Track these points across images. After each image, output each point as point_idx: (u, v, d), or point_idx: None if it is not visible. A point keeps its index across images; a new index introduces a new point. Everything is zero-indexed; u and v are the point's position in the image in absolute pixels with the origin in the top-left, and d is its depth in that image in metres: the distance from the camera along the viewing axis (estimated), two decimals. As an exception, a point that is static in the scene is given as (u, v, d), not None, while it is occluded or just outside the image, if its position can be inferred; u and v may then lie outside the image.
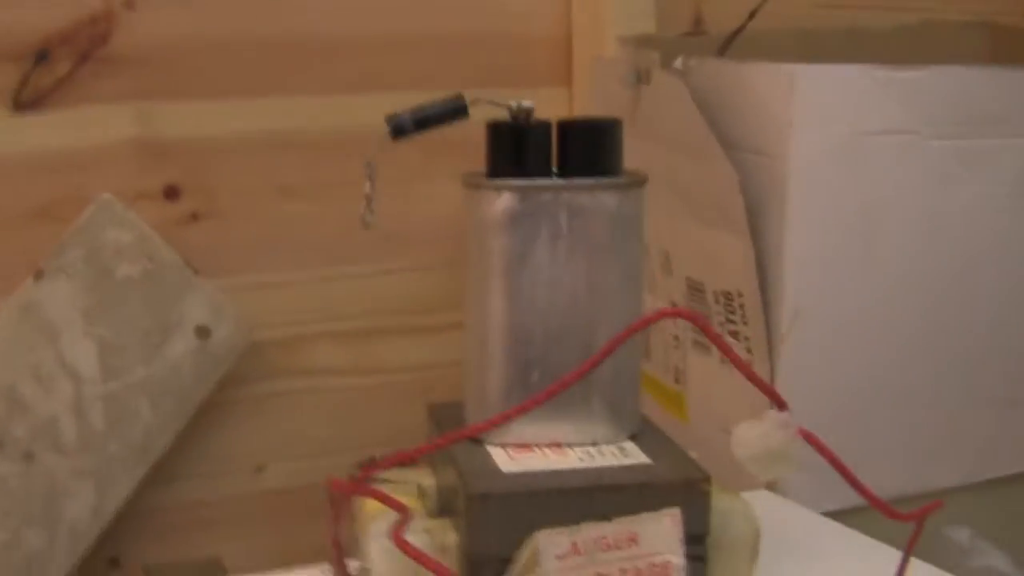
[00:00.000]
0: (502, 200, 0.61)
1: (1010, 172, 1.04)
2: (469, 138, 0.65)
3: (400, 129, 0.61)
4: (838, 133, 0.99)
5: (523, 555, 0.57)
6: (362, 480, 0.58)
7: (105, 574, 1.14)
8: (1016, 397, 1.08)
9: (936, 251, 1.03)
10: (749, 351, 1.03)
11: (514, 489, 0.57)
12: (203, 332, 1.10)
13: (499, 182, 0.61)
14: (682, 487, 0.58)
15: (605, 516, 0.57)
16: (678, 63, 1.06)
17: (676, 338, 1.14)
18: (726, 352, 0.58)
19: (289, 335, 1.18)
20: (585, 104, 1.24)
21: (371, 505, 0.62)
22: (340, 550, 0.61)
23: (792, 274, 1.01)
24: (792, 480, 1.02)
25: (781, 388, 1.00)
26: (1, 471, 1.06)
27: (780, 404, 0.58)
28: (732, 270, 1.03)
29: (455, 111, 0.61)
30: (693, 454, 0.63)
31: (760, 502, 0.90)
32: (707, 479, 0.58)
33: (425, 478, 0.64)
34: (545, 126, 0.61)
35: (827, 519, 0.88)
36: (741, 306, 1.03)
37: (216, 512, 1.17)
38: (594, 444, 0.62)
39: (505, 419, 0.59)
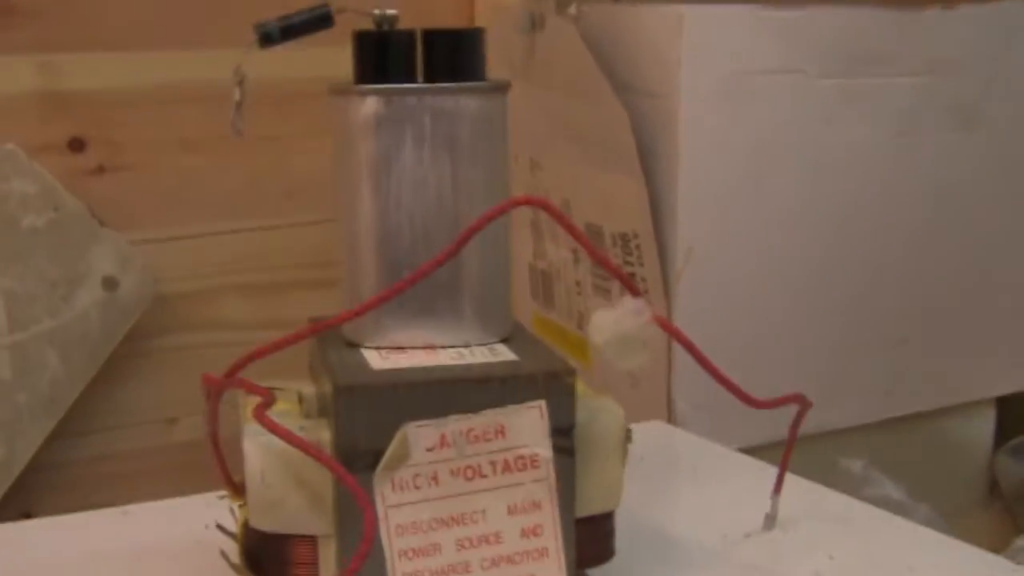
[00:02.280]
0: (367, 104, 0.60)
1: (894, 110, 1.05)
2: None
3: (268, 37, 0.61)
4: (726, 72, 1.00)
5: (392, 447, 0.56)
6: (232, 374, 0.58)
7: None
8: (906, 335, 1.09)
9: (822, 188, 1.04)
10: (646, 291, 1.03)
11: (382, 382, 0.57)
12: (110, 283, 1.09)
13: (364, 87, 0.61)
14: (547, 379, 0.57)
15: (473, 409, 0.57)
16: (572, 8, 1.06)
17: (578, 283, 1.14)
18: (577, 237, 0.57)
19: (196, 288, 1.18)
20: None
21: (249, 411, 0.61)
22: (218, 447, 0.61)
23: (685, 213, 1.01)
24: (689, 416, 1.02)
25: (678, 325, 1.01)
26: (-93, 421, 1.05)
27: (634, 291, 0.58)
28: (627, 212, 1.03)
29: (321, 19, 0.61)
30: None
31: (654, 431, 0.91)
32: (572, 371, 0.58)
33: (306, 387, 0.63)
34: (409, 33, 0.61)
35: (721, 446, 0.88)
36: (637, 247, 1.03)
37: (128, 465, 1.16)
38: (465, 345, 0.62)
39: (366, 308, 0.58)
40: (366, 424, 0.56)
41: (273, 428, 0.55)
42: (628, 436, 0.62)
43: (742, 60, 1.00)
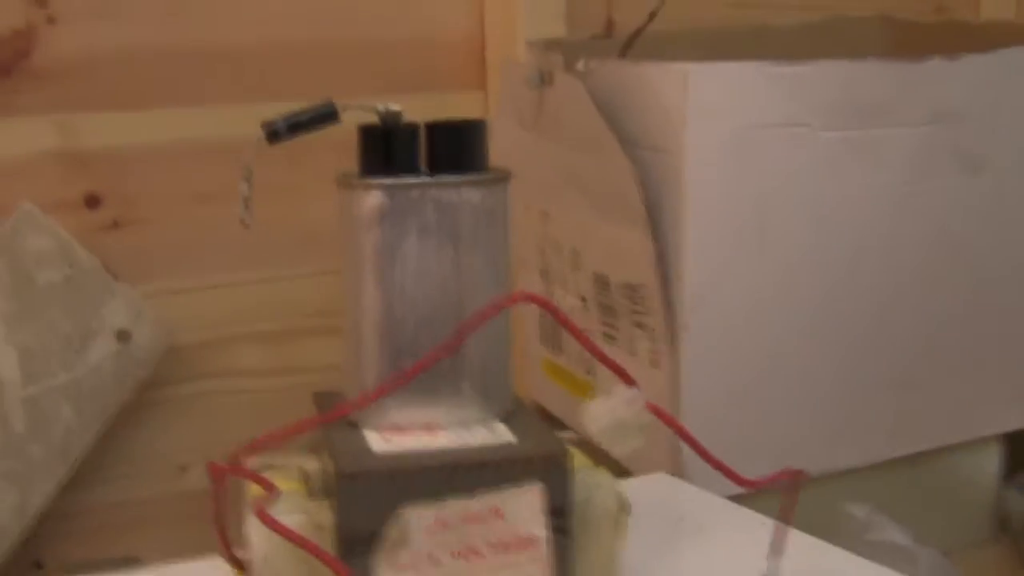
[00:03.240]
0: (372, 197, 0.65)
1: (897, 159, 1.08)
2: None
3: (275, 134, 0.65)
4: (730, 127, 1.03)
5: (392, 531, 0.60)
6: (236, 462, 0.62)
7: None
8: (908, 380, 1.13)
9: (827, 239, 1.07)
10: (654, 340, 1.07)
11: (382, 467, 0.61)
12: (123, 336, 1.14)
13: (369, 180, 0.65)
14: (544, 462, 0.62)
15: (471, 492, 0.61)
16: (580, 65, 1.10)
17: (587, 331, 1.18)
18: (576, 335, 0.62)
19: (209, 338, 1.22)
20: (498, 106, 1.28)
21: (255, 490, 0.65)
22: (224, 533, 0.65)
23: (691, 264, 1.05)
24: (695, 462, 1.06)
25: (684, 375, 1.05)
26: (-73, 475, 1.09)
27: (628, 381, 0.62)
28: (635, 263, 1.07)
29: (327, 116, 0.65)
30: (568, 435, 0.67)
31: (658, 484, 0.95)
32: (568, 454, 0.62)
33: (309, 463, 0.67)
34: (412, 127, 0.65)
35: (723, 499, 0.92)
36: (644, 297, 1.07)
37: (139, 513, 1.20)
38: (465, 426, 0.66)
39: (374, 397, 0.62)
40: (367, 509, 0.61)
41: (275, 527, 0.59)
42: (626, 508, 0.66)
43: (747, 115, 1.03)
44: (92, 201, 1.17)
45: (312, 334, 1.26)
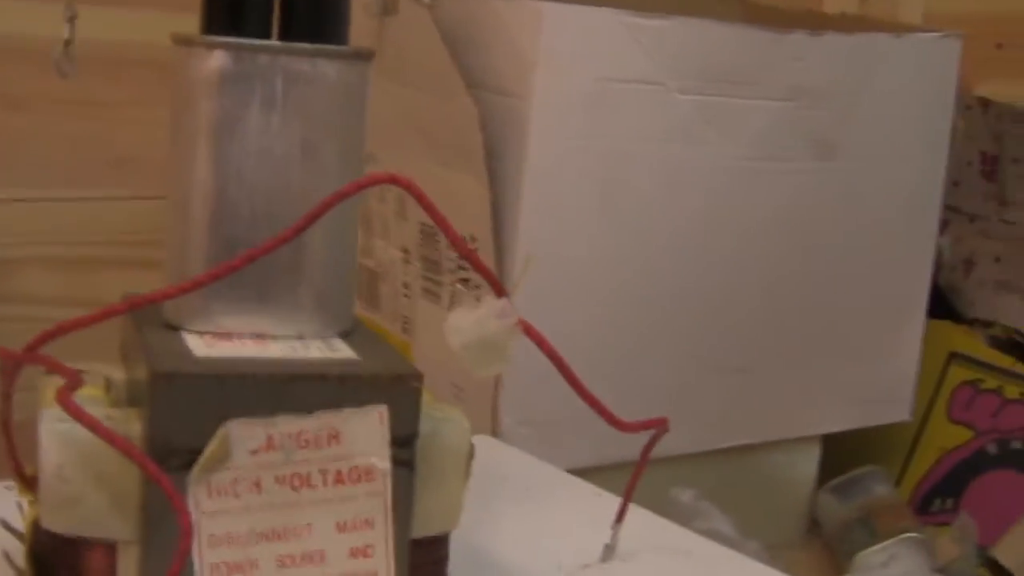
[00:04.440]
0: (214, 58, 0.53)
1: (751, 133, 1.00)
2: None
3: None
4: (583, 77, 0.95)
5: (212, 446, 0.49)
6: (33, 349, 0.50)
7: None
8: (745, 364, 1.05)
9: (672, 208, 0.99)
10: (478, 299, 0.97)
11: (206, 371, 0.50)
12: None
13: (213, 39, 0.53)
14: (391, 382, 0.51)
15: (305, 410, 0.50)
16: (426, -4, 0.99)
17: (405, 285, 1.08)
18: (443, 226, 0.51)
19: (2, 257, 1.07)
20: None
21: (50, 393, 0.53)
22: (10, 432, 0.52)
23: (527, 220, 0.95)
24: (514, 432, 0.96)
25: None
26: None
27: (499, 291, 0.51)
28: (468, 213, 0.97)
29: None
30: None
31: (483, 446, 0.85)
32: (418, 376, 0.51)
33: (115, 371, 0.55)
34: (267, -16, 0.54)
35: (553, 467, 0.83)
36: (475, 251, 0.97)
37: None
38: (300, 338, 0.55)
39: (193, 286, 0.51)
40: (184, 418, 0.49)
41: (79, 415, 0.47)
42: (471, 452, 0.56)
43: (601, 66, 0.95)
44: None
45: (113, 264, 1.13)
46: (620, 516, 0.66)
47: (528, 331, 0.52)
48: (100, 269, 1.12)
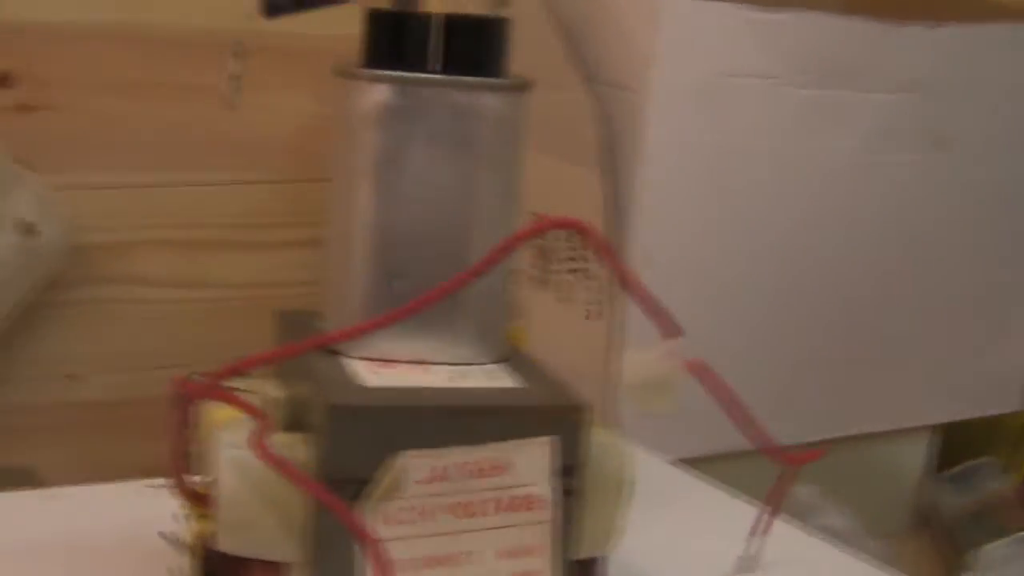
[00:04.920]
0: (378, 92, 0.53)
1: (866, 125, 1.00)
2: (334, 50, 0.57)
3: (276, 8, 0.54)
4: (700, 72, 0.94)
5: (384, 477, 0.50)
6: (213, 382, 0.51)
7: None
8: (855, 355, 1.05)
9: (786, 201, 0.99)
10: (595, 291, 0.97)
11: (379, 403, 0.50)
12: (26, 229, 1.00)
13: (377, 72, 0.53)
14: (560, 413, 0.51)
15: (473, 441, 0.51)
16: (543, -12, 0.99)
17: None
18: (616, 269, 0.51)
19: (115, 240, 1.09)
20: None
21: (218, 414, 0.54)
22: (181, 460, 0.53)
23: (643, 215, 0.95)
24: (630, 423, 0.97)
25: (629, 333, 0.95)
26: None
27: (673, 331, 0.52)
28: (582, 208, 0.97)
29: (336, -9, 0.54)
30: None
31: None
32: (586, 406, 0.52)
33: (273, 390, 0.56)
34: (427, 17, 0.54)
35: (673, 467, 0.83)
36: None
37: (31, 419, 1.07)
38: (459, 364, 0.55)
39: (369, 329, 0.52)
40: (358, 449, 0.50)
41: (267, 457, 0.48)
42: (633, 478, 0.56)
43: (718, 60, 0.94)
44: (3, 79, 1.03)
45: (225, 247, 1.13)
46: (761, 528, 0.66)
47: (698, 372, 0.52)
48: (212, 252, 1.13)
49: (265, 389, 0.56)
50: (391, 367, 0.54)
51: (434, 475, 0.50)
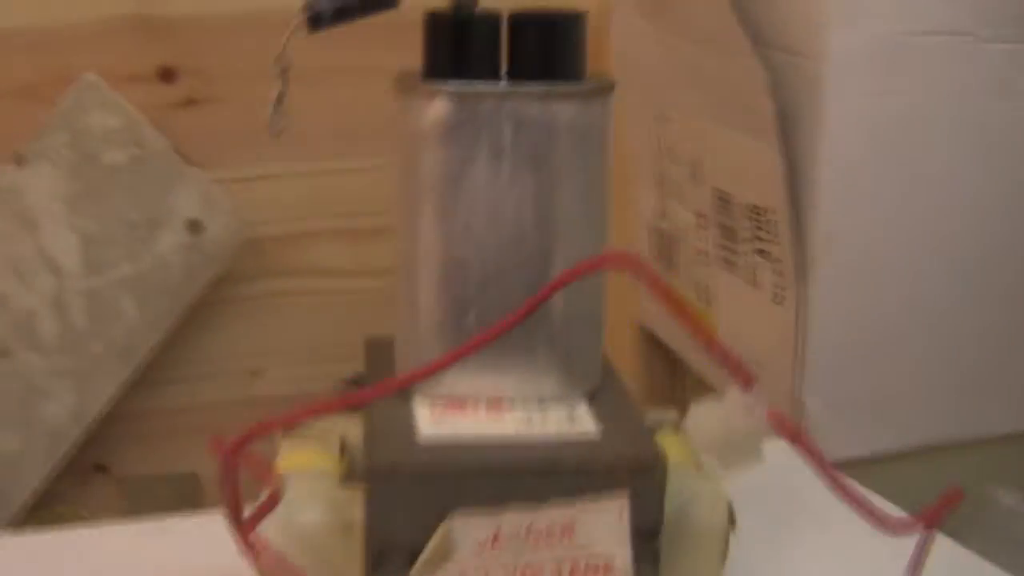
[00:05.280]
0: (435, 107, 0.47)
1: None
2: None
3: (318, 19, 0.48)
4: (881, 32, 0.85)
5: (434, 542, 0.44)
6: (246, 443, 0.46)
7: (91, 480, 1.04)
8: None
9: (985, 171, 0.88)
10: (779, 273, 0.89)
11: (426, 464, 0.45)
12: (194, 226, 0.98)
13: (433, 86, 0.48)
14: (632, 472, 0.45)
15: (536, 499, 0.45)
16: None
17: (702, 252, 1.01)
18: (675, 309, 0.44)
19: (288, 232, 1.06)
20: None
21: (294, 458, 0.50)
22: (237, 517, 0.49)
23: (826, 191, 0.87)
24: (819, 415, 0.89)
25: (813, 319, 0.87)
26: (-26, 367, 0.96)
27: (746, 381, 0.44)
28: (761, 183, 0.89)
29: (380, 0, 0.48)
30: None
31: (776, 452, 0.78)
32: (662, 461, 0.45)
33: (353, 429, 0.51)
34: (493, 19, 0.48)
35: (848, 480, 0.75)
36: (771, 222, 0.90)
37: (208, 418, 1.05)
38: (541, 401, 0.49)
39: (432, 371, 0.46)
40: (404, 514, 0.44)
41: (245, 545, 0.43)
42: (730, 530, 0.49)
43: (901, 19, 0.84)
44: (166, 75, 1.01)
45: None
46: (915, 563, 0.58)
47: (780, 424, 0.44)
48: (387, 239, 1.09)
49: (343, 428, 0.51)
50: (461, 409, 0.49)
51: (492, 539, 0.45)
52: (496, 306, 0.48)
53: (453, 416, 0.48)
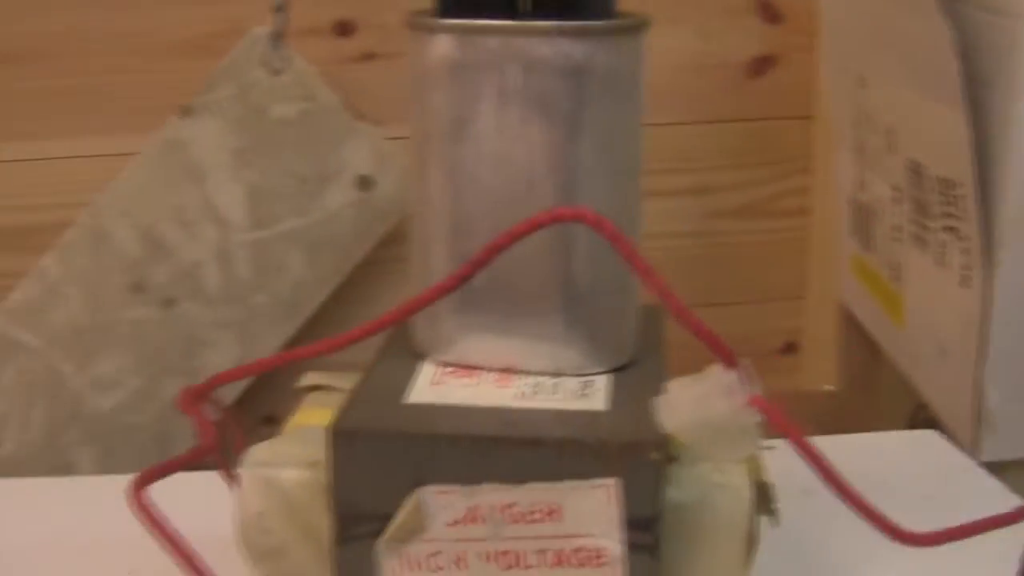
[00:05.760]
0: (439, 44, 0.44)
1: None
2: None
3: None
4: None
5: (403, 514, 0.41)
6: (205, 391, 0.44)
7: (258, 431, 1.04)
8: None
9: None
10: (968, 254, 0.82)
11: (394, 427, 0.42)
12: (365, 182, 0.97)
13: (438, 21, 0.44)
14: (620, 452, 0.40)
15: (518, 476, 0.41)
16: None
17: (897, 228, 0.94)
18: (632, 260, 0.40)
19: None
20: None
21: (302, 417, 0.48)
22: (221, 460, 0.47)
23: (1018, 163, 0.79)
24: (1000, 409, 0.82)
25: (998, 304, 0.80)
26: (139, 316, 0.97)
27: (728, 359, 0.39)
28: (947, 152, 0.82)
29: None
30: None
31: (921, 445, 0.72)
32: (660, 443, 0.41)
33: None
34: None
35: (996, 482, 0.69)
36: (959, 197, 0.82)
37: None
38: (556, 374, 0.45)
39: (383, 325, 0.43)
40: (371, 481, 0.42)
41: (139, 508, 0.40)
42: (753, 534, 0.44)
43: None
44: (344, 28, 0.99)
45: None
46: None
47: (767, 412, 0.39)
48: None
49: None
50: (466, 376, 0.45)
51: (467, 516, 0.41)
52: (507, 264, 0.44)
53: (453, 382, 0.45)
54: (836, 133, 1.03)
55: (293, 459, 0.44)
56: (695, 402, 0.39)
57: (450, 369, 0.46)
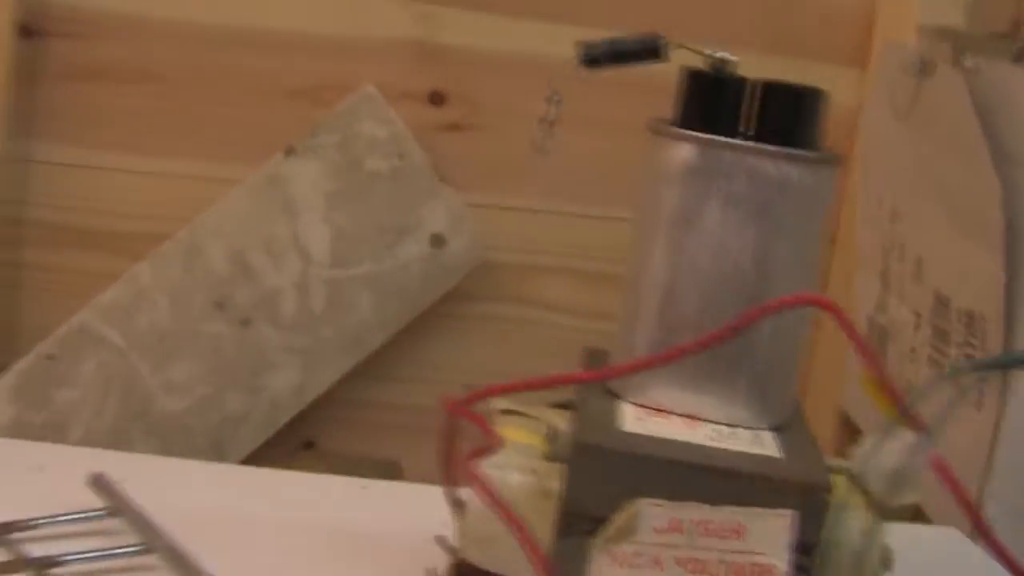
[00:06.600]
0: (681, 151, 0.57)
1: None
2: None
3: (594, 59, 0.58)
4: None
5: (620, 519, 0.53)
6: (472, 402, 0.56)
7: (297, 454, 1.15)
8: None
9: None
10: (983, 380, 0.95)
11: (624, 447, 0.54)
12: (438, 240, 1.09)
13: (683, 132, 0.57)
14: (800, 491, 0.53)
15: (714, 501, 0.53)
16: (967, 60, 0.98)
17: (913, 350, 1.07)
18: (864, 354, 0.52)
19: (522, 262, 1.16)
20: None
21: (505, 433, 0.59)
22: (451, 471, 0.59)
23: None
24: (1000, 523, 0.93)
25: (1007, 434, 0.92)
26: (217, 330, 1.08)
27: (918, 425, 0.52)
28: (976, 288, 0.96)
29: (651, 51, 0.58)
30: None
31: (943, 542, 0.83)
32: (829, 486, 0.53)
33: (561, 421, 0.61)
34: (742, 82, 0.57)
35: None
36: (983, 331, 0.96)
37: (415, 419, 1.16)
38: (731, 425, 0.58)
39: (630, 369, 0.55)
40: (598, 488, 0.53)
41: (472, 477, 0.52)
42: (888, 568, 0.56)
43: None
44: (437, 98, 1.12)
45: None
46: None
47: (940, 470, 0.52)
48: (613, 285, 1.19)
49: (550, 418, 0.61)
50: (660, 417, 0.58)
51: (670, 526, 0.53)
52: (705, 338, 0.57)
53: (653, 420, 0.57)
54: (863, 257, 1.16)
55: (519, 466, 0.56)
56: (887, 454, 0.52)
57: (644, 410, 0.58)
